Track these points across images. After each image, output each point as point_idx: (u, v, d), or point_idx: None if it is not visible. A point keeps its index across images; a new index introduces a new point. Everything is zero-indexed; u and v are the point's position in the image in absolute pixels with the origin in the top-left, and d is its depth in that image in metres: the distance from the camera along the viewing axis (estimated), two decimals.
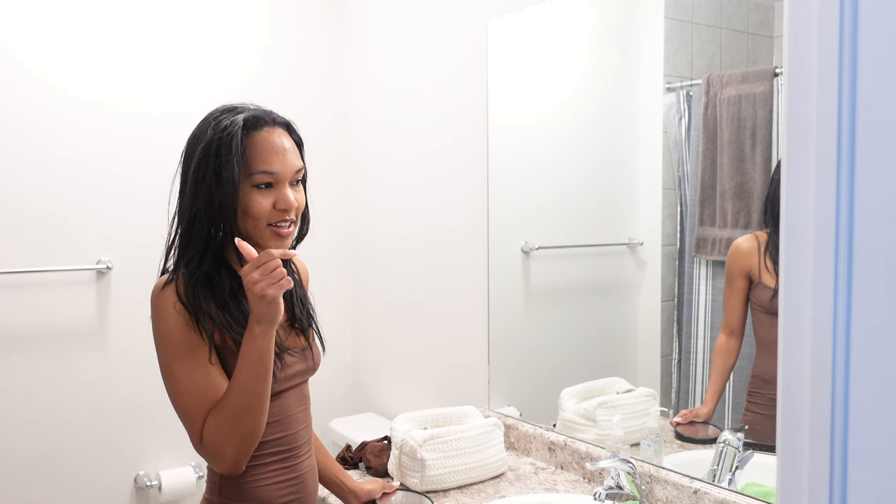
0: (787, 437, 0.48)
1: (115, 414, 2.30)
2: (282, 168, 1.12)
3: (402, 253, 2.41)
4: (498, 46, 2.00)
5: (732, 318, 1.54)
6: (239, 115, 1.12)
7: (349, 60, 2.65)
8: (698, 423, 1.58)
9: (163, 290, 1.12)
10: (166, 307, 1.11)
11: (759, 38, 1.48)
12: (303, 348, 1.25)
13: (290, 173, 1.13)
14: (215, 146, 1.10)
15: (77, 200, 2.22)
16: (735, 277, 1.52)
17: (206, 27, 2.40)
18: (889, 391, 0.43)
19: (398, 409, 2.41)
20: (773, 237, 1.45)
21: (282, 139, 1.14)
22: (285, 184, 1.13)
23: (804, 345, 0.47)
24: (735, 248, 1.51)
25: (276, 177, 1.12)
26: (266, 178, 1.11)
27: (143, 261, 2.32)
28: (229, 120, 1.12)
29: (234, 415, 1.07)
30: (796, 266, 0.47)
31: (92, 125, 2.23)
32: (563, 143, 1.91)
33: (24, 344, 2.17)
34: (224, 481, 1.17)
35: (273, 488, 1.19)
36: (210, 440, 1.08)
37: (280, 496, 1.19)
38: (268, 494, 1.18)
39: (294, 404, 1.22)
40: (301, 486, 1.23)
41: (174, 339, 1.11)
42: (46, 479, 2.20)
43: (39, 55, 2.15)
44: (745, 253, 1.50)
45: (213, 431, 1.08)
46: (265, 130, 1.13)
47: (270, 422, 1.17)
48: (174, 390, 1.11)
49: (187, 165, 1.14)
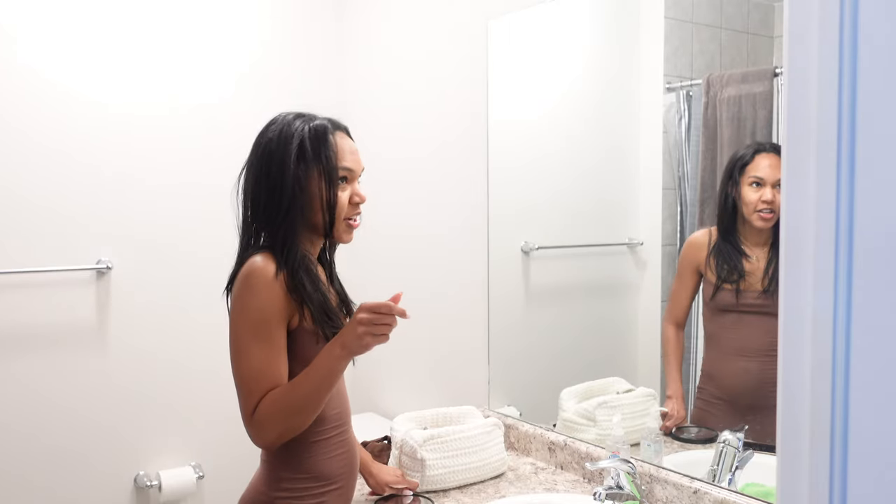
0: (787, 437, 0.48)
1: (115, 414, 2.29)
2: (355, 166, 1.28)
3: (402, 253, 2.41)
4: (498, 46, 2.00)
5: (678, 311, 1.57)
6: (319, 119, 1.26)
7: (349, 60, 2.65)
8: (685, 426, 1.60)
9: (264, 263, 1.19)
10: (266, 278, 1.17)
11: (759, 38, 1.48)
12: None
13: (359, 171, 1.30)
14: (311, 144, 1.22)
15: (77, 200, 2.22)
16: (685, 270, 1.55)
17: (205, 28, 2.40)
18: (889, 391, 0.43)
19: (398, 409, 2.40)
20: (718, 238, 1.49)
21: (350, 141, 1.30)
22: (356, 181, 1.29)
23: (804, 345, 0.47)
24: (689, 242, 1.55)
25: (353, 173, 1.27)
26: (345, 174, 1.26)
27: (143, 261, 2.32)
28: (313, 122, 1.25)
29: (290, 410, 1.16)
30: (796, 266, 0.47)
31: (93, 125, 2.23)
32: (563, 143, 1.90)
33: (23, 344, 2.17)
34: (287, 458, 1.24)
35: (333, 461, 1.28)
36: (260, 420, 1.17)
37: (337, 467, 1.28)
38: (329, 466, 1.27)
39: (342, 380, 1.32)
40: (352, 457, 1.33)
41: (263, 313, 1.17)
42: (46, 480, 2.20)
43: (39, 55, 2.15)
44: (697, 246, 1.53)
45: (265, 415, 1.16)
46: (338, 135, 1.28)
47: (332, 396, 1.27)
48: (240, 363, 1.19)
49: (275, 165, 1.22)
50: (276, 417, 1.16)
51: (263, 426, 1.17)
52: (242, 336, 1.18)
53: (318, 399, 1.17)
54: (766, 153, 1.41)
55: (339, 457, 1.29)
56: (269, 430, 1.17)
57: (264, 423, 1.17)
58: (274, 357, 1.18)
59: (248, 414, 1.18)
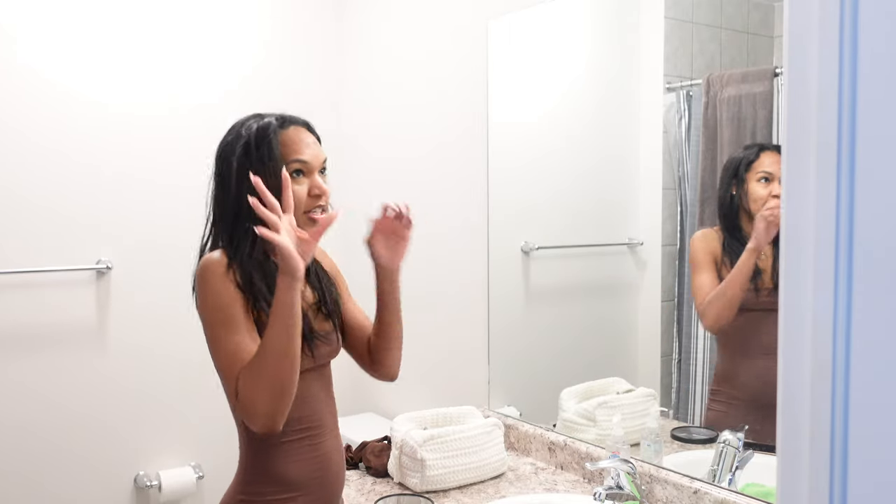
0: (787, 437, 0.48)
1: (114, 414, 2.29)
2: (311, 157, 1.26)
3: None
4: (498, 46, 1.99)
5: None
6: (268, 118, 1.27)
7: (348, 60, 2.65)
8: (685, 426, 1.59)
9: (212, 260, 1.21)
10: (219, 272, 1.20)
11: (759, 38, 1.48)
12: (327, 332, 1.32)
13: (318, 162, 1.27)
14: (255, 143, 1.23)
15: (77, 200, 2.22)
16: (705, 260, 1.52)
17: (205, 28, 2.40)
18: (889, 391, 0.43)
19: (398, 409, 2.40)
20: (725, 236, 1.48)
21: (307, 134, 1.29)
22: (315, 172, 1.26)
23: (804, 345, 0.47)
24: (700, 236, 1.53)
25: (308, 165, 1.25)
26: (298, 166, 1.24)
27: (143, 261, 2.32)
28: (261, 121, 1.25)
29: (264, 369, 1.12)
30: (796, 266, 0.47)
31: (93, 125, 2.23)
32: (563, 143, 1.90)
33: (23, 344, 2.17)
34: (251, 460, 1.24)
35: (296, 466, 1.24)
36: (243, 395, 1.13)
37: (301, 474, 1.25)
38: (292, 472, 1.24)
39: (314, 384, 1.29)
40: (324, 465, 1.28)
41: (221, 300, 1.18)
42: (46, 480, 2.20)
43: (39, 55, 2.15)
44: (709, 239, 1.52)
45: (245, 386, 1.13)
46: (292, 129, 1.27)
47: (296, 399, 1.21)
48: (216, 354, 1.18)
49: (225, 166, 1.24)
50: (256, 384, 1.12)
51: (249, 398, 1.12)
52: (210, 328, 1.19)
53: (286, 342, 1.11)
54: (770, 151, 1.42)
55: (304, 463, 1.25)
56: (255, 400, 1.12)
57: (248, 396, 1.12)
58: (242, 338, 1.16)
59: (233, 397, 1.15)
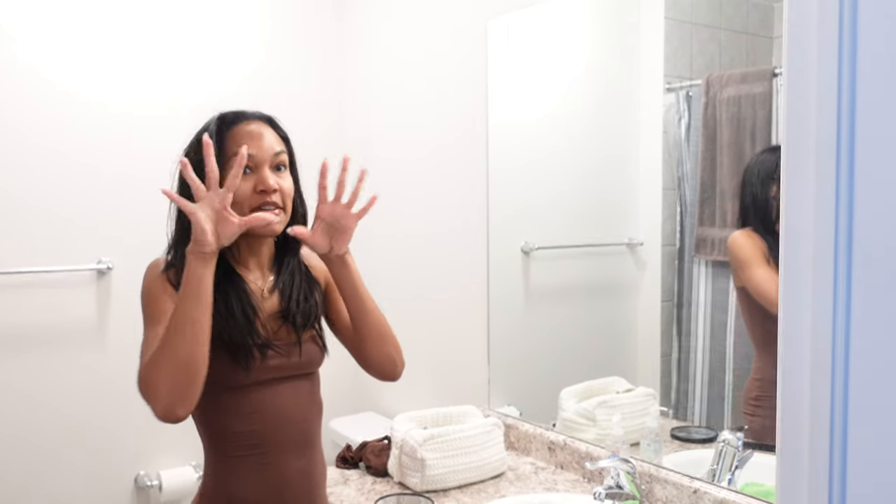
0: (787, 437, 0.48)
1: (115, 414, 2.29)
2: (257, 151, 1.16)
3: (402, 253, 2.41)
4: (498, 46, 1.99)
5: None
6: (223, 114, 1.21)
7: (348, 60, 2.65)
8: (686, 426, 1.57)
9: (154, 261, 1.20)
10: (155, 272, 1.17)
11: (759, 38, 1.48)
12: (289, 343, 1.22)
13: (267, 156, 1.17)
14: (195, 141, 1.19)
15: (77, 200, 2.22)
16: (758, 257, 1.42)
17: (205, 28, 2.40)
18: (888, 390, 0.43)
19: (398, 408, 2.40)
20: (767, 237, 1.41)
21: (259, 128, 1.19)
22: (264, 167, 1.17)
23: (804, 345, 0.47)
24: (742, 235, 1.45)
25: (253, 159, 1.16)
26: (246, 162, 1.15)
27: (143, 261, 2.28)
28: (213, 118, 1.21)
29: (166, 340, 1.04)
30: (796, 266, 0.47)
31: (93, 125, 2.23)
32: (562, 143, 1.90)
33: (23, 344, 2.17)
34: (207, 474, 1.21)
35: (245, 485, 1.16)
36: (144, 373, 1.05)
37: (250, 493, 1.16)
38: (240, 490, 1.16)
39: (273, 399, 1.19)
40: (279, 488, 1.18)
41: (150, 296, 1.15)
42: (47, 480, 2.20)
43: (39, 55, 2.15)
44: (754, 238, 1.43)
45: (147, 364, 1.05)
46: (243, 123, 1.19)
47: (242, 413, 1.17)
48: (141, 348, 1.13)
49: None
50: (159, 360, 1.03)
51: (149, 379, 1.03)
52: (144, 325, 1.13)
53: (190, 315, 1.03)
54: None
55: (255, 483, 1.17)
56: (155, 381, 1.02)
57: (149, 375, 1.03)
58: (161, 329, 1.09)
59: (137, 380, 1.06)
